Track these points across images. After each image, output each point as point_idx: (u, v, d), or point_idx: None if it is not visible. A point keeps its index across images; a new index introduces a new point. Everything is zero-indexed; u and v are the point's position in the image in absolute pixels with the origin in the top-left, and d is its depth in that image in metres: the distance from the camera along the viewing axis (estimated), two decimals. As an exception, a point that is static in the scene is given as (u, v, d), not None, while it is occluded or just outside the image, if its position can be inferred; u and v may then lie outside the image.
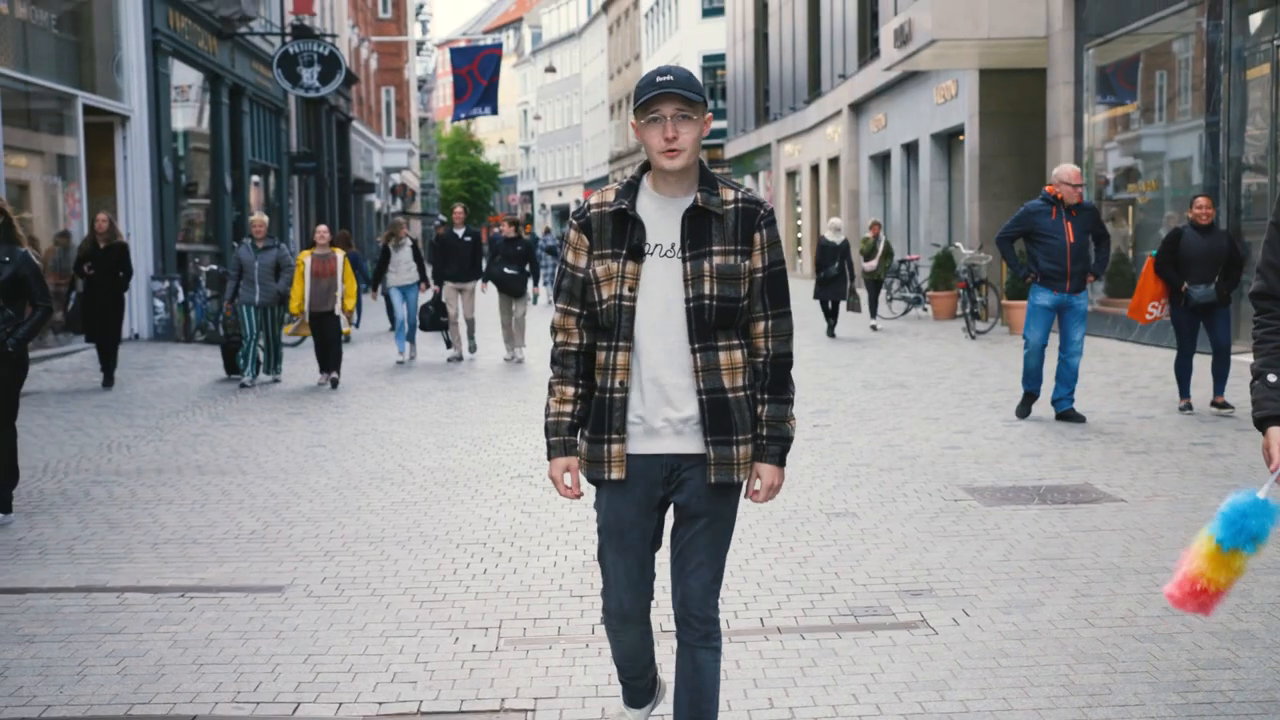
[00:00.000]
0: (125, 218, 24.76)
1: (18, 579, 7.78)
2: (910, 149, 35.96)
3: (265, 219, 18.82)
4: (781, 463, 4.46)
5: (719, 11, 67.25)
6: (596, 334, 4.44)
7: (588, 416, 4.47)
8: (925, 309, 28.79)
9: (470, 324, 21.48)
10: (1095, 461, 10.81)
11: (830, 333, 24.27)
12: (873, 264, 26.32)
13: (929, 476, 10.34)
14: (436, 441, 12.64)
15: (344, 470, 11.16)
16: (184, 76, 28.85)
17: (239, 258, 18.02)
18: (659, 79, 4.28)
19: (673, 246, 4.34)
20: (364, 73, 55.70)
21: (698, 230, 4.33)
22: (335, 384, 17.67)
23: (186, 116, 29.09)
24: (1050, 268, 12.94)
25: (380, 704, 5.60)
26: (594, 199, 4.48)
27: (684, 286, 4.31)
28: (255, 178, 34.86)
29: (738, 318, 4.36)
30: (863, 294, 26.18)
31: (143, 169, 25.46)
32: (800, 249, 49.80)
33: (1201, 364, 13.39)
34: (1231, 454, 10.89)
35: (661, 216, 4.37)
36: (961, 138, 30.34)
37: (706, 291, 4.29)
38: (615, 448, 4.40)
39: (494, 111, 40.13)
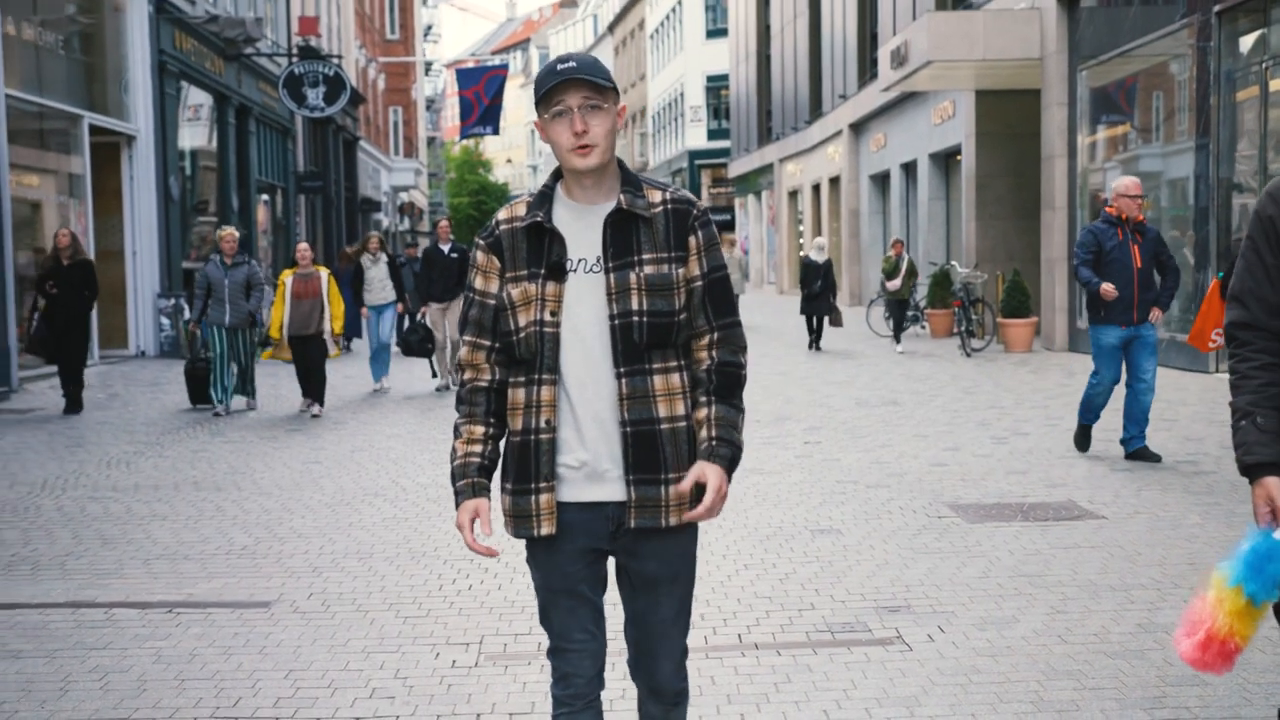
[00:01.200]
0: (131, 236, 24.86)
1: (8, 595, 7.79)
2: (909, 168, 36.01)
3: (235, 233, 16.75)
4: (730, 468, 3.74)
5: (722, 33, 67.41)
6: (512, 368, 3.82)
7: (497, 460, 3.86)
8: (923, 327, 28.79)
9: (455, 346, 17.59)
10: (1080, 479, 10.81)
11: (813, 345, 25.50)
12: (896, 283, 24.98)
13: (915, 493, 10.34)
14: (431, 458, 12.65)
15: (338, 486, 11.18)
16: (191, 97, 28.90)
17: (206, 275, 16.21)
18: (560, 66, 3.68)
19: (596, 260, 3.74)
20: (371, 93, 55.81)
21: (622, 237, 3.74)
22: (318, 416, 16.02)
23: (194, 136, 29.14)
24: (1116, 300, 11.28)
25: (358, 718, 5.61)
26: (502, 214, 3.88)
27: (608, 302, 3.70)
28: (263, 196, 34.95)
29: (675, 335, 3.75)
30: (864, 309, 26.22)
31: (149, 188, 25.50)
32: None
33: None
34: (1215, 471, 10.87)
35: (582, 227, 3.76)
36: (959, 158, 30.39)
37: (634, 306, 3.68)
38: (544, 497, 3.73)
39: (495, 131, 40.09)
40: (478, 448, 3.82)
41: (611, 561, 3.92)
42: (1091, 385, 11.71)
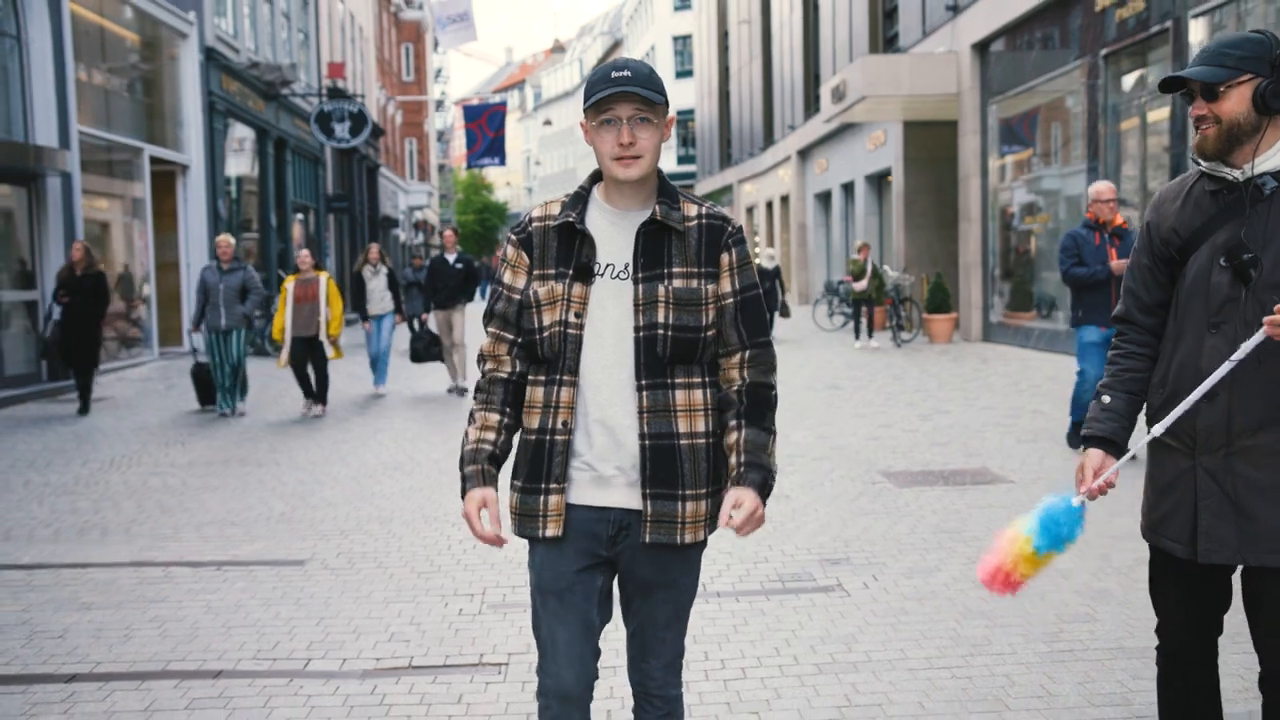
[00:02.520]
0: (185, 250, 24.81)
1: (81, 555, 7.76)
2: (848, 188, 36.00)
3: (231, 240, 15.19)
4: (762, 492, 3.22)
5: (689, 74, 67.54)
6: (533, 365, 3.33)
7: (508, 452, 3.36)
8: (904, 334, 28.76)
9: (457, 349, 17.02)
10: (992, 450, 10.82)
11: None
12: (862, 284, 23.79)
13: (853, 464, 10.34)
14: (443, 437, 12.61)
15: (361, 461, 11.14)
16: (236, 131, 28.82)
17: (203, 280, 14.73)
18: (614, 74, 3.17)
19: (625, 267, 3.24)
20: (390, 126, 55.61)
21: (654, 248, 3.24)
22: (319, 415, 14.60)
23: (238, 165, 29.05)
24: (1095, 300, 10.18)
25: (378, 659, 5.59)
26: (536, 211, 3.39)
27: (634, 313, 3.20)
28: (298, 215, 34.83)
29: (700, 351, 3.24)
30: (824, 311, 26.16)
31: (200, 209, 25.41)
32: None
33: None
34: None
35: (614, 232, 3.27)
36: (890, 178, 30.40)
37: (660, 320, 3.18)
38: (554, 499, 3.24)
39: (502, 162, 40.00)
40: (490, 435, 3.32)
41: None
42: (1078, 384, 10.56)
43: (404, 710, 4.95)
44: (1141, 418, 3.49)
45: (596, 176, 3.36)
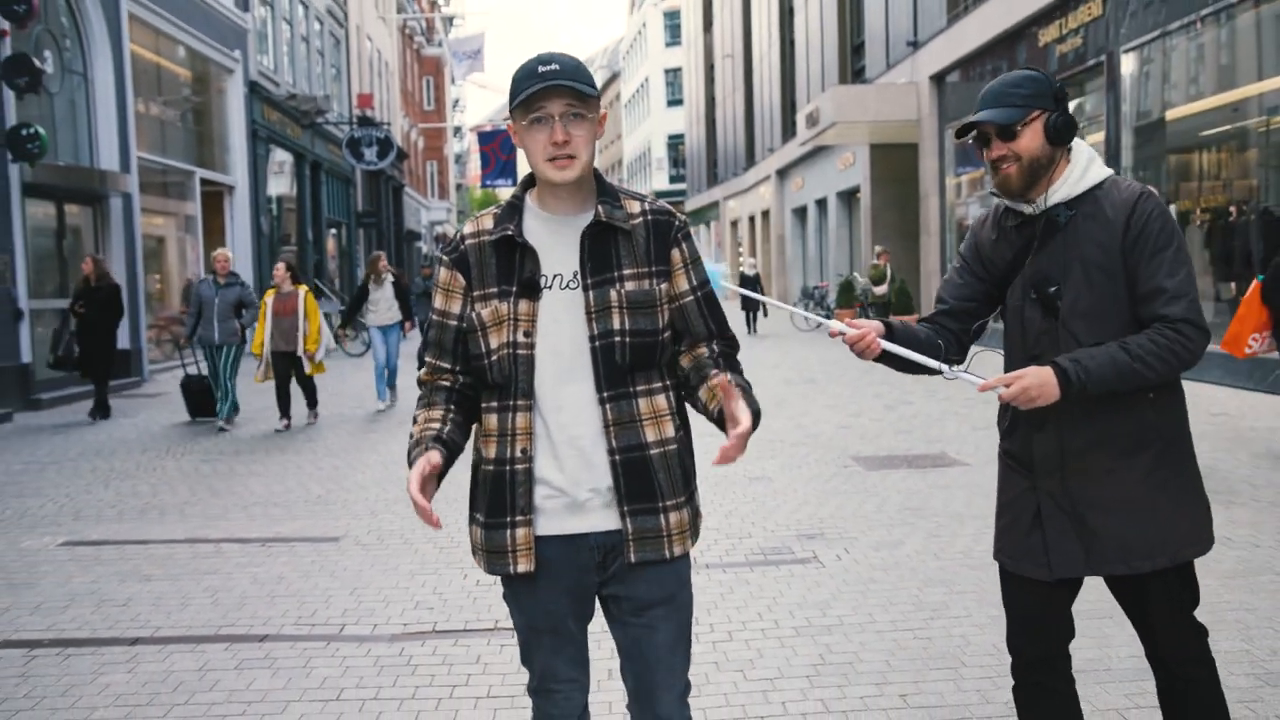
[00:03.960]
0: (231, 263, 24.74)
1: (142, 533, 7.76)
2: (821, 204, 36.01)
3: (229, 254, 13.76)
4: (755, 422, 2.67)
5: (679, 102, 67.60)
6: (483, 391, 2.78)
7: (459, 443, 2.75)
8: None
9: None
10: (950, 436, 10.82)
11: (750, 331, 26.77)
12: (883, 289, 22.90)
13: (827, 449, 10.34)
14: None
15: (389, 450, 11.12)
16: (276, 155, 28.81)
17: (199, 294, 13.30)
18: (542, 68, 2.61)
19: (574, 275, 2.70)
20: (413, 150, 55.55)
21: (601, 251, 2.70)
22: (312, 423, 13.28)
23: (278, 185, 29.03)
24: None
25: (405, 625, 5.59)
26: (468, 227, 2.80)
27: (587, 322, 2.68)
28: (331, 230, 34.81)
29: (659, 354, 2.74)
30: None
31: (244, 226, 25.41)
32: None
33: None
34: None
35: (555, 240, 2.71)
36: (859, 195, 30.42)
37: (616, 326, 2.67)
38: (521, 532, 2.69)
39: (514, 182, 39.77)
40: (435, 425, 2.74)
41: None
42: None
43: (428, 670, 4.95)
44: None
45: (529, 183, 2.80)
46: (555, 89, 2.60)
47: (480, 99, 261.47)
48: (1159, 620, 3.09)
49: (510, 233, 2.70)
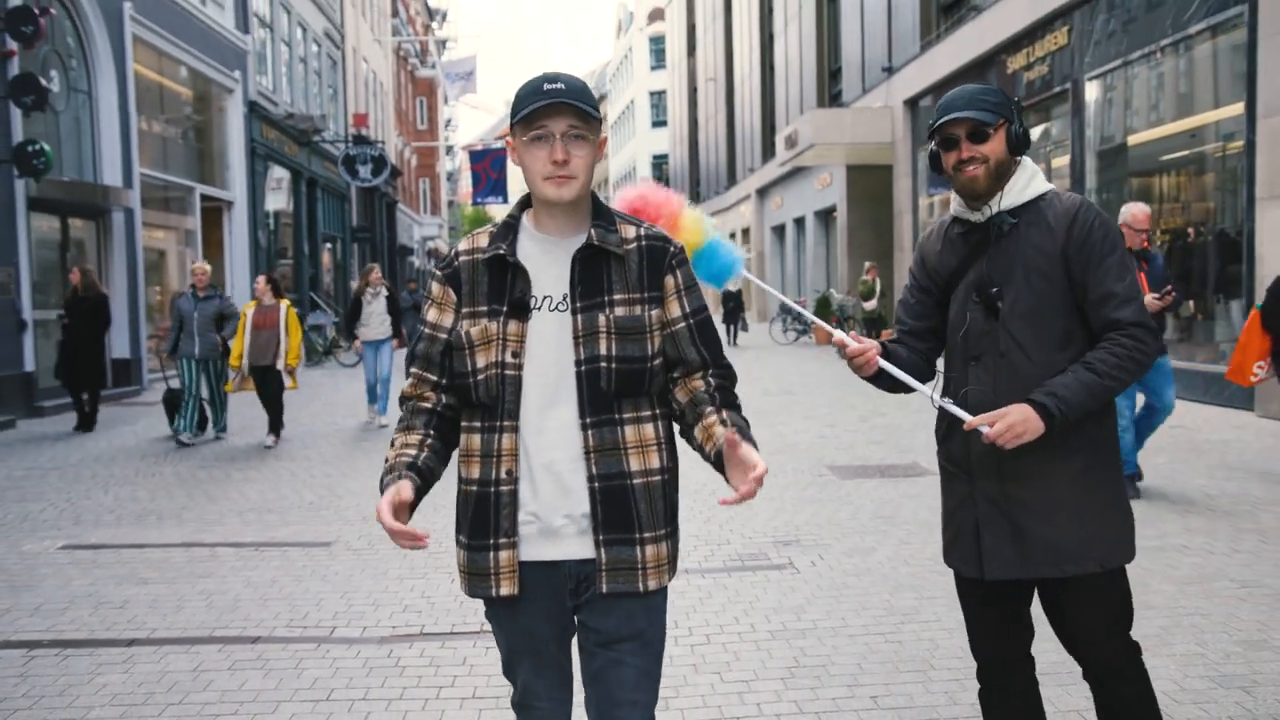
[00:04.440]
0: (230, 275, 24.72)
1: (140, 537, 7.72)
2: (799, 222, 36.10)
3: (207, 267, 12.90)
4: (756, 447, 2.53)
5: (663, 124, 67.79)
6: (466, 410, 2.64)
7: (434, 471, 2.63)
8: (809, 337, 28.86)
9: None
10: (921, 446, 10.83)
11: (732, 343, 26.84)
12: (872, 304, 22.54)
13: (803, 459, 10.35)
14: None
15: (381, 457, 11.06)
16: (274, 172, 28.76)
17: (179, 308, 12.54)
18: (547, 85, 2.51)
19: (564, 298, 2.58)
20: (406, 168, 55.49)
21: (592, 275, 2.57)
22: (271, 446, 12.01)
23: (276, 201, 28.96)
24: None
25: (393, 628, 5.58)
26: (463, 244, 2.70)
27: (574, 346, 2.54)
28: (327, 245, 34.73)
29: (647, 381, 2.59)
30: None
31: (242, 240, 25.34)
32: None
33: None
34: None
35: (548, 261, 2.60)
36: (835, 214, 30.48)
37: (602, 351, 2.53)
38: (504, 554, 2.56)
39: (504, 200, 39.92)
40: (412, 451, 2.62)
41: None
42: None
43: (415, 671, 4.94)
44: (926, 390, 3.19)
45: (526, 203, 2.71)
46: (559, 107, 2.49)
47: (472, 119, 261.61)
48: (1084, 631, 3.05)
49: (502, 252, 2.59)
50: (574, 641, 2.72)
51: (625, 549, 2.55)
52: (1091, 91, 16.27)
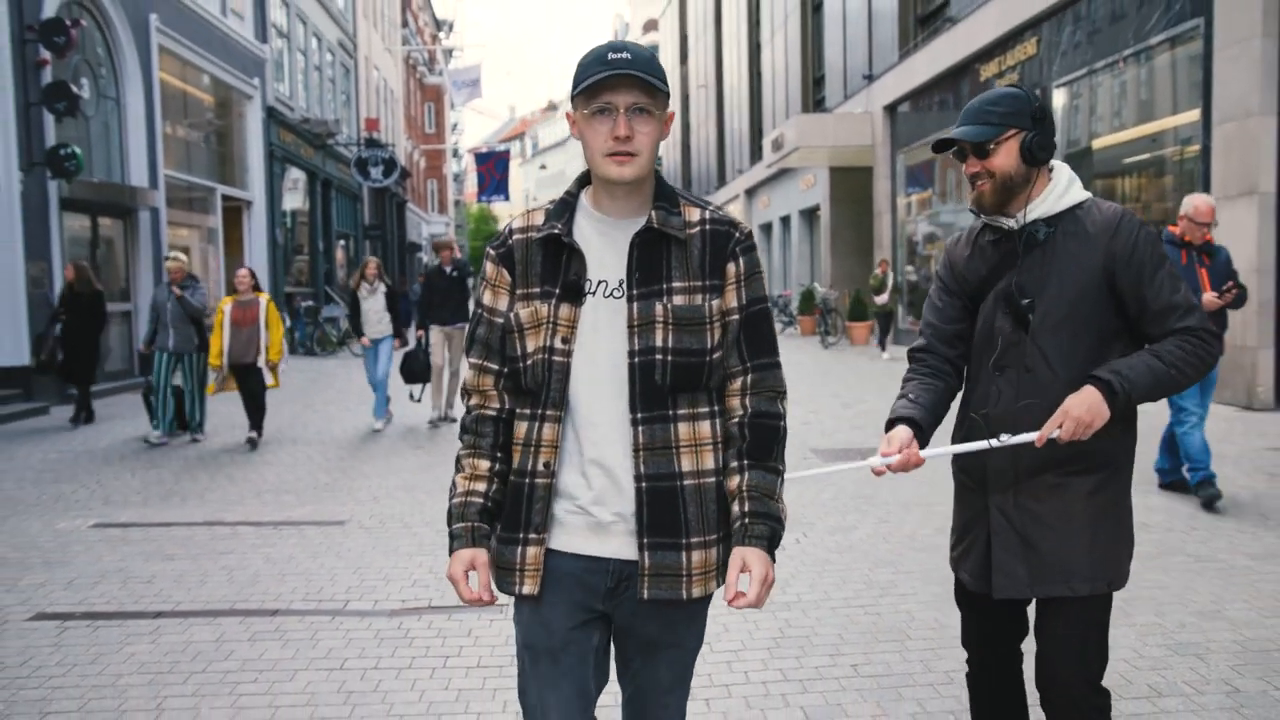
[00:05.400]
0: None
1: (165, 516, 7.72)
2: (785, 221, 36.05)
3: (183, 259, 11.45)
4: (771, 549, 2.25)
5: (657, 128, 67.56)
6: (519, 398, 2.35)
7: (504, 503, 2.35)
8: (795, 328, 28.87)
9: (456, 376, 12.41)
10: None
11: None
12: (884, 297, 21.37)
13: (789, 442, 10.26)
14: (460, 425, 12.55)
15: (392, 441, 11.10)
16: (290, 173, 28.71)
17: (154, 300, 11.36)
18: (611, 55, 2.18)
19: (620, 283, 2.26)
20: (415, 169, 55.39)
21: (651, 260, 2.25)
22: (254, 444, 10.82)
23: (292, 200, 28.90)
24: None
25: (403, 601, 5.58)
26: (517, 222, 2.37)
27: (628, 336, 2.23)
28: (340, 242, 34.65)
29: (705, 376, 2.25)
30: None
31: (261, 237, 25.29)
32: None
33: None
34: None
35: (606, 244, 2.29)
36: (819, 213, 30.44)
37: (658, 343, 2.21)
38: (532, 551, 2.27)
39: (506, 198, 39.99)
40: (480, 485, 2.34)
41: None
42: (1179, 430, 7.21)
43: (424, 642, 4.94)
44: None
45: (585, 180, 2.37)
46: (624, 79, 2.17)
47: (477, 123, 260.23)
48: (1058, 648, 2.78)
49: (557, 231, 2.28)
50: (596, 665, 2.37)
51: (670, 554, 2.24)
52: (1059, 98, 16.26)
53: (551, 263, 2.29)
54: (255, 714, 4.18)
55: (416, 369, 12.30)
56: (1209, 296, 6.77)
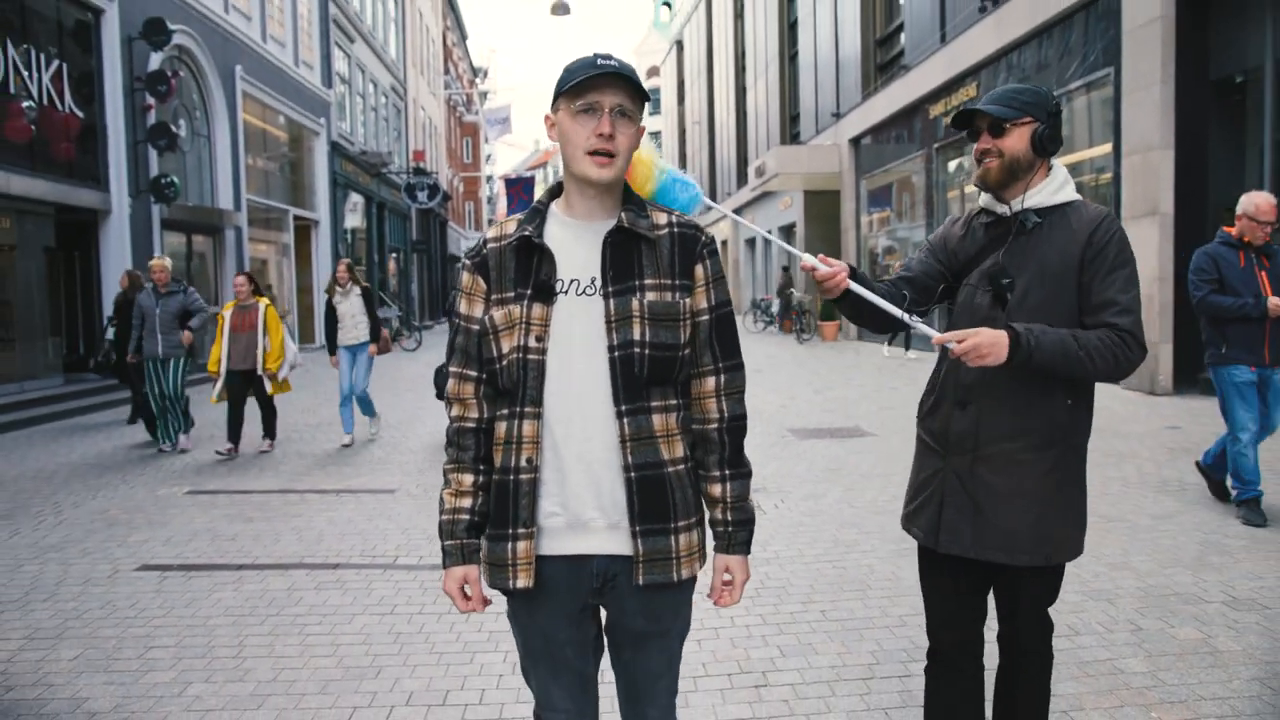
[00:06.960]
0: (316, 280, 24.74)
1: (245, 484, 7.73)
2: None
3: (167, 263, 9.50)
4: (749, 550, 2.15)
5: (659, 158, 67.33)
6: (498, 400, 2.10)
7: (489, 515, 2.10)
8: (775, 327, 28.80)
9: None
10: (863, 414, 10.80)
11: None
12: None
13: (769, 423, 10.32)
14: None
15: (437, 422, 11.08)
16: (350, 198, 28.71)
17: (140, 304, 9.45)
18: (600, 60, 1.99)
19: (592, 281, 2.03)
20: (455, 193, 55.25)
21: (623, 259, 2.03)
22: (267, 451, 9.31)
23: (352, 220, 28.90)
24: (1246, 334, 5.63)
25: (445, 556, 5.59)
26: (490, 232, 2.14)
27: (606, 331, 2.01)
28: (392, 254, 34.62)
29: (676, 370, 2.06)
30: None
31: (325, 252, 25.29)
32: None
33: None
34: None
35: (577, 245, 2.06)
36: (795, 230, 30.37)
37: (636, 336, 2.00)
38: (522, 545, 2.03)
39: (531, 216, 39.87)
40: (466, 501, 2.10)
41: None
42: (1231, 446, 5.85)
43: (463, 590, 4.94)
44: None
45: (555, 191, 2.16)
46: (611, 79, 1.98)
47: (508, 154, 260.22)
48: (1024, 614, 2.64)
49: (529, 233, 2.06)
50: (593, 648, 2.18)
51: (661, 539, 2.04)
52: (997, 133, 16.21)
53: (524, 266, 2.07)
54: (320, 650, 4.19)
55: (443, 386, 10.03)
56: (1275, 300, 5.54)
